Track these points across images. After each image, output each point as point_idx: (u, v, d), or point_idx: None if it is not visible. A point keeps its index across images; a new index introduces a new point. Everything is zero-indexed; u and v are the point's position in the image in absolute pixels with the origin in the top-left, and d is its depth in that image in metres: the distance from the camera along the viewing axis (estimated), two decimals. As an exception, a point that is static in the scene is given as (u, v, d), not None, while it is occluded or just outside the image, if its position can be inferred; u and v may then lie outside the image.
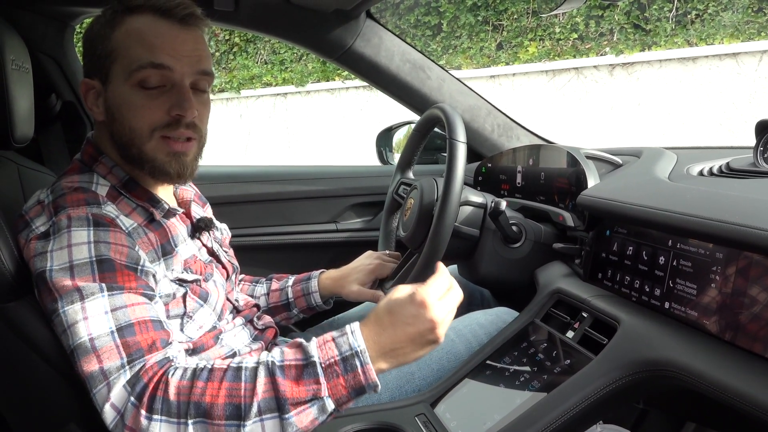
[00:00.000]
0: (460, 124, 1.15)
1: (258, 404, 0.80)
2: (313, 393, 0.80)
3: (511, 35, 6.91)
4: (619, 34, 6.34)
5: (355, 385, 0.82)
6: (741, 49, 5.54)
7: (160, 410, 0.81)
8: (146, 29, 0.95)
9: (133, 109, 0.95)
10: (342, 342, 0.83)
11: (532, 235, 1.27)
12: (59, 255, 0.88)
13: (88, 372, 0.84)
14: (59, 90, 1.63)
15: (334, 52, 1.66)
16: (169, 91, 0.96)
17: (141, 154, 0.98)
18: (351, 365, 0.81)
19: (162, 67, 0.94)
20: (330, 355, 0.82)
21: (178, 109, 0.96)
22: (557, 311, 1.11)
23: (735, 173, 1.05)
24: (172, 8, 0.96)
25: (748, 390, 0.73)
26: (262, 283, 1.39)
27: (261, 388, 0.80)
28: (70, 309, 0.86)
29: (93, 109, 1.00)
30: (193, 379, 0.82)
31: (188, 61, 0.96)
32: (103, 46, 0.96)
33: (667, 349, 0.85)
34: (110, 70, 0.96)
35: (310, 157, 7.72)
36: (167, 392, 0.81)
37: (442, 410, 1.02)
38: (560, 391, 0.92)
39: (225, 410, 0.80)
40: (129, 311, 0.87)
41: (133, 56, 0.94)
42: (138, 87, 0.95)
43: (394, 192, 1.48)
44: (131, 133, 0.97)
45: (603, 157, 1.42)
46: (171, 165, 0.98)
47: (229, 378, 0.82)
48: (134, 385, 0.83)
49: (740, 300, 0.79)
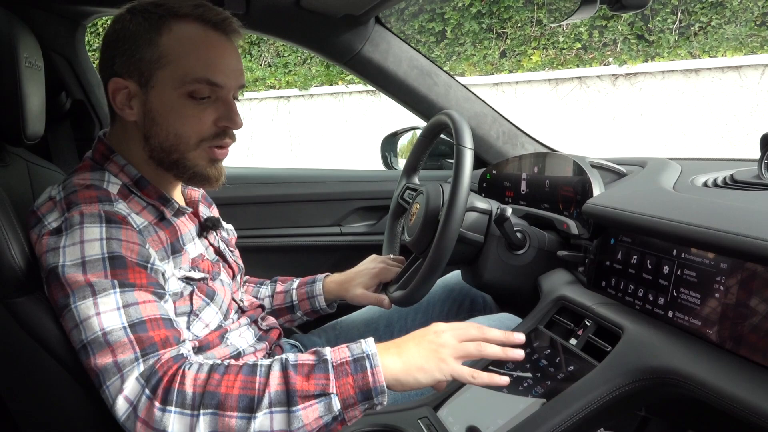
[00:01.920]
0: (467, 130, 1.16)
1: (269, 396, 0.82)
2: (322, 388, 0.82)
3: (514, 43, 6.93)
4: (623, 44, 6.36)
5: (363, 386, 0.83)
6: (744, 62, 5.57)
7: (174, 402, 0.82)
8: (199, 42, 0.97)
9: (182, 117, 0.97)
10: (354, 347, 0.87)
11: (536, 242, 1.28)
12: (71, 251, 0.89)
13: (102, 365, 0.85)
14: (70, 88, 1.63)
15: (343, 56, 1.67)
16: (215, 102, 0.99)
17: (182, 160, 1.00)
18: (361, 365, 0.84)
19: (216, 85, 0.97)
20: (341, 356, 0.85)
21: (226, 121, 1.00)
22: (561, 318, 1.11)
23: (739, 185, 1.06)
24: (220, 22, 0.98)
25: (750, 399, 0.73)
26: (266, 285, 1.40)
27: (274, 381, 0.82)
28: (83, 304, 0.87)
29: (124, 110, 0.99)
30: (210, 372, 0.84)
31: (234, 76, 1.00)
32: (149, 49, 0.96)
33: (670, 357, 0.86)
34: (155, 75, 0.96)
35: (312, 161, 7.73)
36: (184, 384, 0.83)
37: (445, 414, 1.03)
38: (563, 397, 0.92)
39: (239, 401, 0.81)
40: (141, 308, 0.88)
41: (188, 68, 0.96)
42: (187, 96, 0.97)
43: (400, 196, 1.49)
44: (176, 140, 0.98)
45: (608, 166, 1.43)
46: (211, 171, 1.03)
47: (245, 372, 0.84)
48: (149, 378, 0.84)
49: (743, 310, 0.80)
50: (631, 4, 0.98)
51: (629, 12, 1.02)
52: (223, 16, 0.99)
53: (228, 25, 0.99)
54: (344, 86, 7.54)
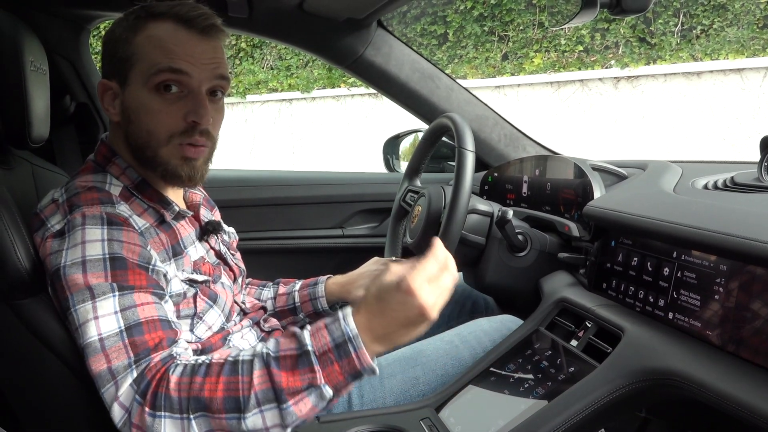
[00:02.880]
0: (469, 133, 1.17)
1: (256, 396, 0.81)
2: (309, 381, 0.80)
3: (516, 46, 6.94)
4: (625, 47, 6.37)
5: (351, 371, 0.81)
6: (746, 65, 5.57)
7: (162, 407, 0.82)
8: (166, 36, 0.96)
9: (150, 113, 0.97)
10: (334, 329, 0.82)
11: (537, 244, 1.29)
12: (73, 252, 0.89)
13: (97, 371, 0.86)
14: (74, 91, 1.65)
15: (345, 59, 1.68)
16: (186, 97, 0.98)
17: (155, 157, 0.99)
18: (345, 351, 0.80)
19: (180, 72, 0.96)
20: (323, 343, 0.81)
21: (193, 116, 0.97)
22: (562, 320, 1.12)
23: (739, 187, 1.07)
24: (193, 18, 0.98)
25: (750, 400, 0.74)
26: (269, 287, 1.41)
27: (257, 380, 0.81)
28: (81, 308, 0.87)
29: (109, 110, 1.01)
30: (192, 375, 0.83)
31: (206, 68, 0.98)
32: (124, 49, 0.97)
33: (670, 358, 0.86)
34: (129, 73, 0.97)
35: (314, 164, 7.74)
36: (168, 389, 0.82)
37: (447, 415, 1.03)
38: (564, 398, 0.93)
39: (224, 404, 0.81)
40: (138, 310, 0.89)
41: (152, 60, 0.95)
42: (156, 91, 0.96)
43: (402, 199, 1.50)
44: (148, 136, 0.98)
45: (609, 168, 1.44)
46: (183, 169, 1.00)
47: (227, 372, 0.83)
48: (139, 383, 0.84)
49: (744, 312, 0.81)
50: (631, 8, 0.99)
51: (629, 16, 1.02)
52: (197, 12, 0.98)
53: (202, 21, 0.98)
54: (346, 89, 7.55)
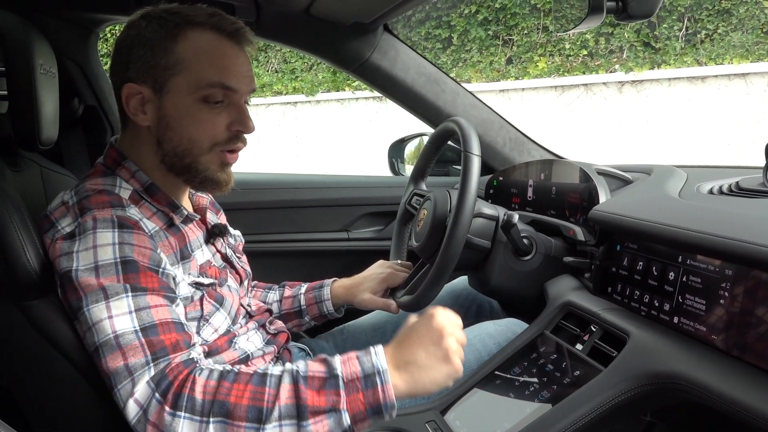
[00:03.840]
0: (474, 137, 1.17)
1: (279, 409, 0.82)
2: (332, 404, 0.83)
3: (521, 50, 6.95)
4: (629, 51, 6.37)
5: (373, 402, 0.84)
6: (750, 70, 5.57)
7: (184, 407, 0.83)
8: (213, 49, 0.99)
9: (196, 122, 0.99)
10: (365, 360, 0.86)
11: (542, 248, 1.29)
12: (85, 255, 0.90)
13: (113, 368, 0.86)
14: (82, 94, 1.65)
15: (352, 63, 1.68)
16: (228, 107, 1.01)
17: (195, 164, 1.02)
18: (372, 382, 0.84)
19: (230, 89, 1.00)
20: (352, 371, 0.85)
21: (239, 125, 1.02)
22: (567, 323, 1.12)
23: (744, 192, 1.07)
24: (235, 31, 1.01)
25: (755, 403, 0.74)
26: (274, 290, 1.42)
27: (284, 395, 0.83)
28: (95, 308, 0.88)
29: (138, 115, 1.01)
30: (220, 380, 0.85)
31: (246, 81, 1.02)
32: (163, 56, 0.98)
33: (675, 362, 0.87)
34: (170, 81, 0.98)
35: (318, 167, 7.76)
36: (194, 390, 0.84)
37: (452, 418, 1.04)
38: (569, 401, 0.93)
39: (247, 412, 0.82)
40: (152, 312, 0.89)
41: (203, 74, 0.98)
42: (201, 101, 0.99)
43: (407, 202, 1.50)
44: (190, 144, 1.00)
45: (614, 173, 1.44)
46: (221, 176, 1.05)
47: (255, 382, 0.84)
48: (159, 382, 0.85)
49: (748, 317, 0.81)
50: (638, 13, 0.99)
51: (636, 21, 1.03)
52: (237, 26, 1.01)
53: (241, 35, 1.02)
54: (351, 92, 7.57)
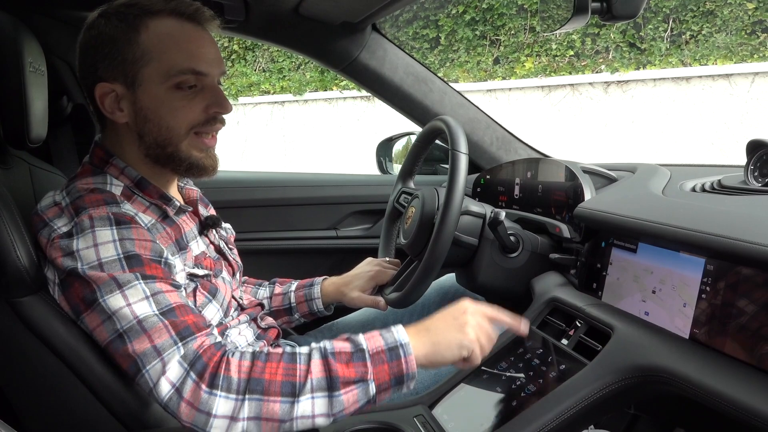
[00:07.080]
0: (462, 136, 1.18)
1: (311, 382, 0.86)
2: (361, 375, 0.87)
3: (508, 50, 6.98)
4: (615, 52, 6.43)
5: (398, 373, 0.89)
6: (734, 71, 5.63)
7: (220, 386, 0.85)
8: (177, 34, 1.00)
9: (171, 109, 1.00)
10: (387, 336, 0.91)
11: (529, 245, 1.31)
12: (87, 254, 0.91)
13: (141, 350, 0.88)
14: (71, 92, 1.65)
15: (340, 63, 1.69)
16: (202, 91, 1.02)
17: (177, 152, 1.03)
18: (395, 354, 0.89)
19: (200, 74, 1.00)
20: (376, 345, 0.90)
21: (216, 107, 1.03)
22: (553, 319, 1.14)
23: (726, 190, 1.09)
24: (194, 12, 1.01)
25: (735, 395, 0.76)
26: (264, 287, 1.42)
27: (315, 369, 0.87)
28: (111, 298, 0.89)
29: (114, 113, 1.01)
30: (254, 360, 0.88)
31: (216, 63, 1.03)
32: (128, 49, 0.98)
33: (658, 355, 0.89)
34: (140, 73, 0.98)
35: (305, 166, 7.74)
36: (229, 370, 0.86)
37: (440, 412, 1.05)
38: (555, 395, 0.95)
39: (282, 387, 0.86)
40: (168, 296, 0.92)
41: (171, 61, 0.98)
42: (175, 89, 0.99)
43: (396, 200, 1.51)
44: (168, 132, 1.01)
45: (599, 171, 1.46)
46: (206, 160, 1.06)
47: (286, 359, 0.88)
48: (193, 362, 0.87)
49: (729, 311, 0.83)
50: (622, 14, 1.01)
51: (620, 22, 1.04)
52: (195, 7, 1.02)
53: (201, 15, 1.02)
54: (338, 92, 7.57)
